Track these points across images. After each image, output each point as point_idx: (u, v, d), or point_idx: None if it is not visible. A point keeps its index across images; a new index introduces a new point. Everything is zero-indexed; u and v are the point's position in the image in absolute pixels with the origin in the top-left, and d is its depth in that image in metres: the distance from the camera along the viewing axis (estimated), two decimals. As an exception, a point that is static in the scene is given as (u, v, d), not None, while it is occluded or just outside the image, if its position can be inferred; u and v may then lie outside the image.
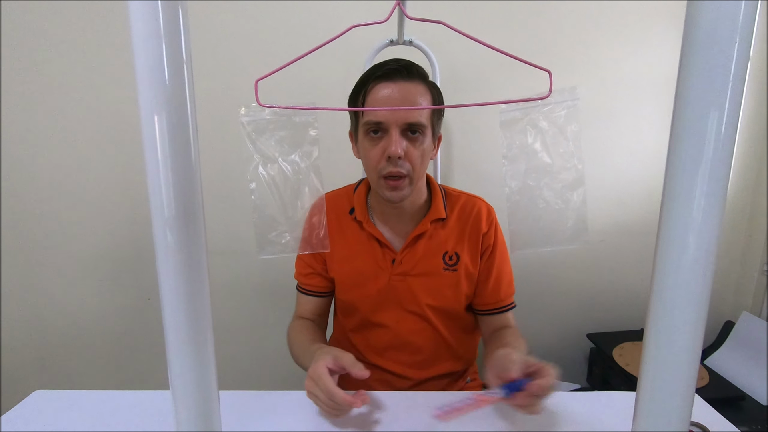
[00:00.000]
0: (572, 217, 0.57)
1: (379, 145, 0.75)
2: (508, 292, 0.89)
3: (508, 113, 0.57)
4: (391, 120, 0.73)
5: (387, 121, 0.73)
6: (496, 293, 0.88)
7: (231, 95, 1.29)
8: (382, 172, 0.76)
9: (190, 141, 0.29)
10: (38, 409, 0.72)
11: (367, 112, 0.75)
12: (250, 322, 1.46)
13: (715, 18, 0.26)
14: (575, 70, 1.37)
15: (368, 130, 0.76)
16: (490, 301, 0.88)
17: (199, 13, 1.26)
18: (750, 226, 1.49)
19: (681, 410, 0.32)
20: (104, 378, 1.49)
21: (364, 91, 0.77)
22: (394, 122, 0.73)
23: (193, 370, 0.32)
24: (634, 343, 1.37)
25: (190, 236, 0.30)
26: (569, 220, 0.57)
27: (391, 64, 0.76)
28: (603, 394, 0.76)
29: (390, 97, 0.74)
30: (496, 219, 0.90)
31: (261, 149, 0.55)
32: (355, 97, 0.80)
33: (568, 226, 0.57)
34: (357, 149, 0.84)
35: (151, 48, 0.27)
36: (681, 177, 0.28)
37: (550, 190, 0.57)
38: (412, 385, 0.89)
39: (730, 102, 0.26)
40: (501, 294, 0.88)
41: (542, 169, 0.57)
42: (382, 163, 0.76)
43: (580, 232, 0.57)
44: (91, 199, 1.36)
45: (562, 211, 0.57)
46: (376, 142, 0.76)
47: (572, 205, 0.57)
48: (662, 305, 0.31)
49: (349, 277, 0.87)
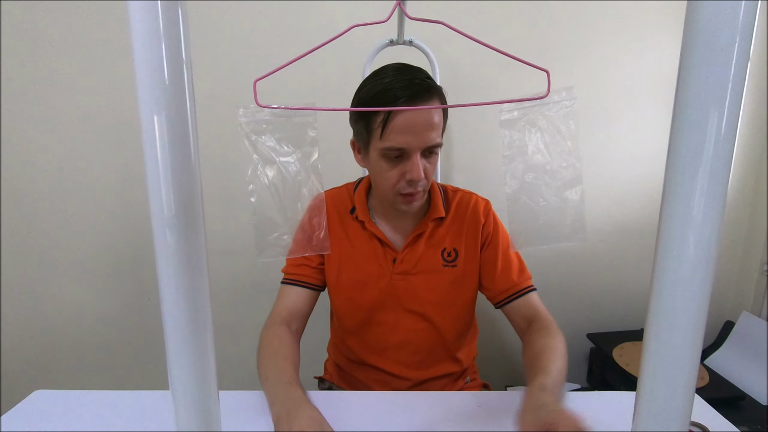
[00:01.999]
0: (571, 215, 0.58)
1: (398, 167, 0.74)
2: (522, 276, 0.86)
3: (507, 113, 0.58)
4: (414, 146, 0.72)
5: (410, 148, 0.72)
6: (508, 278, 0.85)
7: (231, 95, 1.29)
8: (400, 191, 0.76)
9: (190, 141, 0.29)
10: (38, 409, 0.72)
11: (387, 138, 0.72)
12: (250, 322, 1.46)
13: (715, 18, 0.26)
14: (575, 70, 1.37)
15: (389, 155, 0.74)
16: (504, 288, 0.85)
17: (200, 13, 1.26)
18: (750, 226, 1.49)
19: (681, 410, 0.32)
20: (104, 378, 1.49)
21: (385, 118, 0.71)
22: (417, 148, 0.72)
23: (193, 370, 0.32)
24: (634, 343, 1.37)
25: (190, 236, 0.30)
26: (568, 218, 0.58)
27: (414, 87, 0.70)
28: (603, 394, 0.76)
29: (414, 126, 0.71)
30: (493, 210, 0.90)
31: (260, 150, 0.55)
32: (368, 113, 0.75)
33: (566, 223, 0.58)
34: (362, 160, 0.82)
35: (151, 48, 0.27)
36: (681, 177, 0.28)
37: (549, 189, 0.58)
38: (412, 385, 0.89)
39: (730, 102, 0.26)
40: (514, 278, 0.85)
41: (541, 167, 0.58)
42: (401, 184, 0.75)
43: (579, 229, 0.58)
44: (91, 199, 1.36)
45: (561, 209, 0.58)
46: (395, 164, 0.74)
47: (571, 204, 0.57)
48: (662, 305, 0.30)
49: (351, 277, 0.87)
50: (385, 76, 0.73)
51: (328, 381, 0.98)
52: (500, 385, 1.50)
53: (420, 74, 0.73)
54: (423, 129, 0.71)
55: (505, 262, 0.86)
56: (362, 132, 0.76)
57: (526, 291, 0.85)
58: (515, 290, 0.85)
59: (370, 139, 0.75)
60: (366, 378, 0.91)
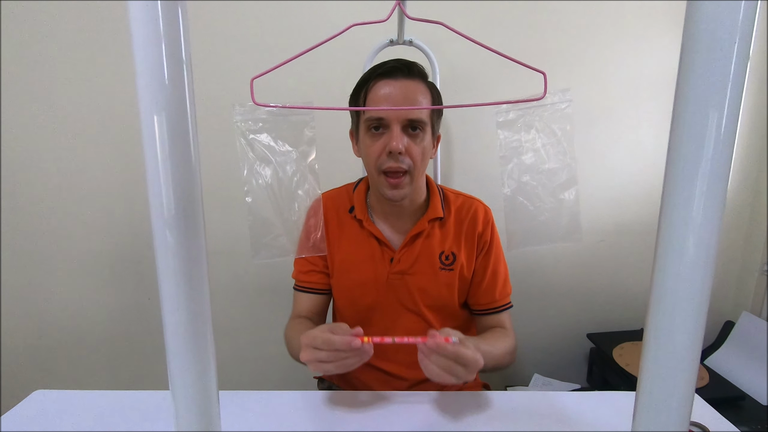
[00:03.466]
0: (566, 215, 0.59)
1: (380, 140, 0.76)
2: (503, 293, 0.89)
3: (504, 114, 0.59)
4: (393, 116, 0.74)
5: (388, 117, 0.75)
6: (491, 293, 0.88)
7: (231, 95, 1.29)
8: (382, 167, 0.77)
9: (190, 141, 0.29)
10: (38, 409, 0.72)
11: (368, 112, 0.76)
12: (250, 322, 1.46)
13: (715, 18, 0.26)
14: (575, 69, 1.37)
15: (369, 126, 0.77)
16: (484, 302, 0.89)
17: (200, 13, 1.26)
18: (750, 226, 1.49)
19: (681, 410, 0.32)
20: (104, 378, 1.49)
21: (365, 89, 0.78)
22: (396, 118, 0.74)
23: (193, 370, 0.32)
24: (634, 343, 1.37)
25: (190, 236, 0.30)
26: (563, 219, 0.59)
27: (392, 62, 0.77)
28: (603, 394, 0.76)
29: (391, 95, 0.75)
30: (493, 220, 0.90)
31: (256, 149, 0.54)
32: (356, 95, 0.81)
33: (562, 224, 0.59)
34: (357, 148, 0.84)
35: (151, 48, 0.27)
36: (681, 177, 0.28)
37: (545, 190, 0.59)
38: (410, 385, 0.89)
39: (730, 102, 0.26)
40: (496, 294, 0.88)
41: (537, 168, 0.59)
42: (383, 158, 0.76)
43: (574, 230, 0.59)
44: (91, 199, 1.36)
45: (557, 209, 0.59)
46: (377, 138, 0.77)
47: (566, 204, 0.59)
48: (662, 305, 0.31)
49: (349, 276, 0.87)
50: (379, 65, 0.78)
51: (327, 380, 0.98)
52: (500, 385, 1.50)
53: (407, 60, 0.78)
54: (401, 101, 0.74)
55: (492, 278, 0.88)
56: (353, 116, 0.81)
57: (501, 309, 0.89)
58: (493, 306, 0.89)
59: (359, 121, 0.79)
60: (365, 378, 0.91)
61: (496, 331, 0.87)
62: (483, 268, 0.88)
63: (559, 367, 1.55)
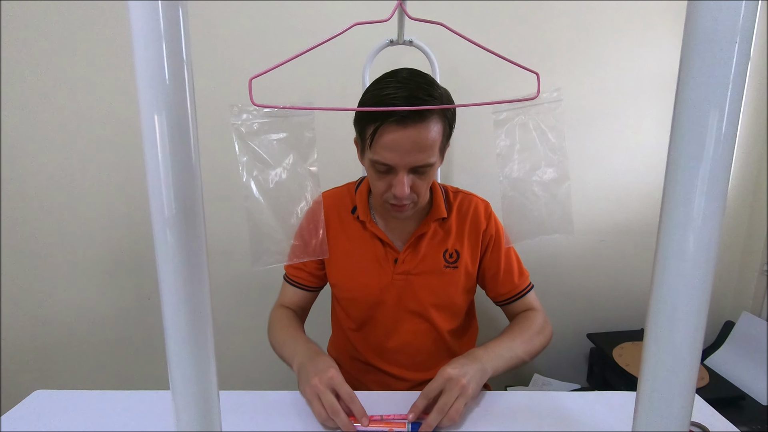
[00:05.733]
0: (558, 209, 0.62)
1: (385, 179, 0.74)
2: (522, 277, 0.90)
3: (500, 113, 0.61)
4: (400, 164, 0.71)
5: (396, 165, 0.71)
6: (510, 281, 0.89)
7: (231, 95, 1.28)
8: (388, 200, 0.77)
9: (190, 141, 0.29)
10: (38, 409, 0.72)
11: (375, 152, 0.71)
12: (250, 322, 1.46)
13: (715, 18, 0.26)
14: (576, 69, 1.37)
15: (376, 167, 0.74)
16: (506, 291, 0.90)
17: (200, 13, 1.26)
18: (750, 226, 1.49)
19: (681, 410, 0.32)
20: (104, 378, 1.49)
21: (374, 130, 0.70)
22: (403, 166, 0.71)
23: (193, 370, 0.32)
24: (634, 343, 1.37)
25: (190, 236, 0.30)
26: (556, 212, 0.62)
27: (405, 107, 0.67)
28: (603, 394, 0.76)
29: (400, 144, 0.69)
30: (493, 212, 0.91)
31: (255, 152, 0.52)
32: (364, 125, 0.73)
33: (554, 217, 0.62)
34: (362, 157, 0.81)
35: (152, 48, 0.27)
36: (681, 177, 0.28)
37: (539, 185, 0.62)
38: (411, 387, 0.89)
39: (730, 102, 0.26)
40: (515, 280, 0.89)
41: (531, 165, 0.61)
42: (388, 194, 0.76)
43: (566, 223, 0.63)
44: (91, 199, 1.36)
45: (550, 204, 0.62)
46: (383, 177, 0.75)
47: (559, 198, 0.62)
48: (662, 305, 0.31)
49: (352, 277, 0.87)
50: (387, 86, 0.71)
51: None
52: (500, 385, 1.50)
53: (422, 90, 0.69)
54: (410, 149, 0.69)
55: (507, 266, 0.89)
56: (359, 136, 0.77)
57: (525, 292, 0.90)
58: (516, 292, 0.90)
59: (364, 147, 0.75)
60: (366, 379, 0.91)
61: (518, 318, 0.88)
62: (496, 261, 0.88)
63: (559, 367, 1.55)
